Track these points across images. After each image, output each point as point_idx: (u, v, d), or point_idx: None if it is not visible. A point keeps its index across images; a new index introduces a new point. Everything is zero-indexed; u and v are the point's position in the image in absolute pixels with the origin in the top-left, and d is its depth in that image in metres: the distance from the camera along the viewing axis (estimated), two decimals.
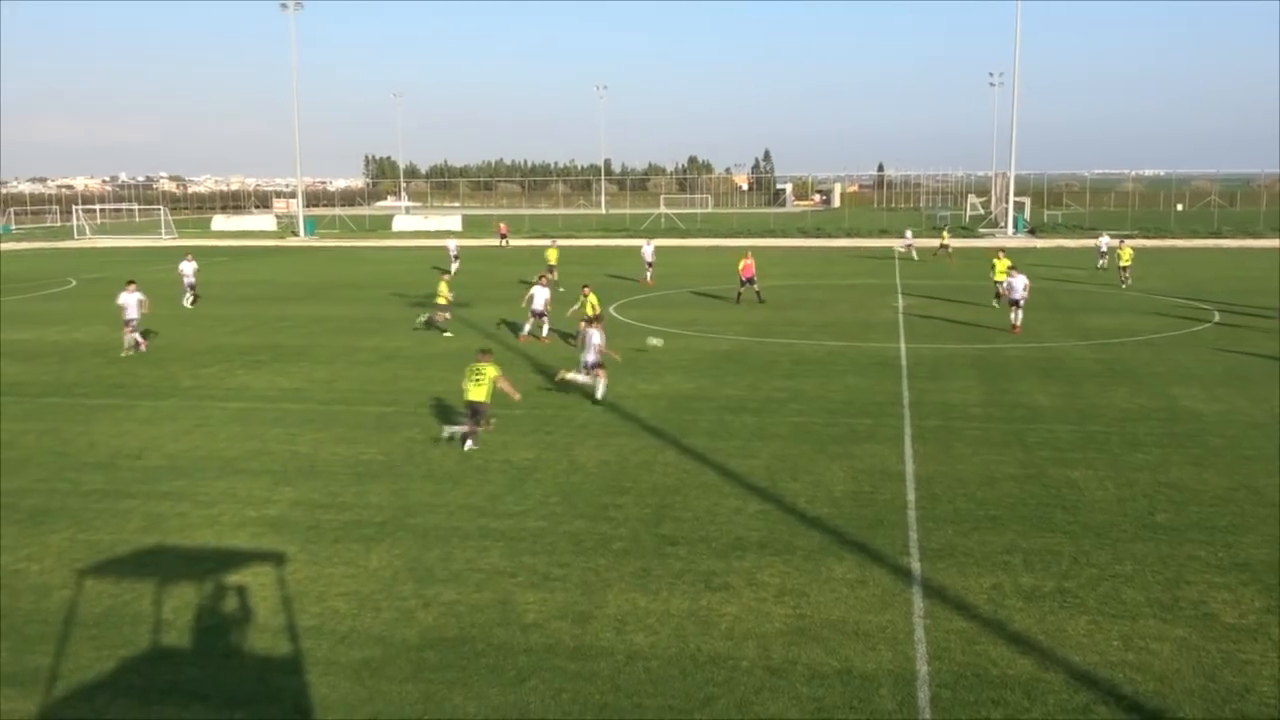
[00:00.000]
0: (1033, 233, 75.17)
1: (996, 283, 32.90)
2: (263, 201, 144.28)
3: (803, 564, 11.67)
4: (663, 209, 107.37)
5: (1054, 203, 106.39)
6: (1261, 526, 12.71)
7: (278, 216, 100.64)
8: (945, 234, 58.59)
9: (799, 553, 12.01)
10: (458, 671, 9.23)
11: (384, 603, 10.76)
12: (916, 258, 53.44)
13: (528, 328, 28.14)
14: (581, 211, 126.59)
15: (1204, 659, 9.24)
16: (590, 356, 19.94)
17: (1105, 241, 48.31)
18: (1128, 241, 44.17)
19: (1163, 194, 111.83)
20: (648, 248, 43.78)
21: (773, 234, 77.80)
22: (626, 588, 11.09)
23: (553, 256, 42.96)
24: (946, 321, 31.04)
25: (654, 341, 24.67)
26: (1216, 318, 31.49)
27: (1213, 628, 9.87)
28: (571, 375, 20.43)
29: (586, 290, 26.39)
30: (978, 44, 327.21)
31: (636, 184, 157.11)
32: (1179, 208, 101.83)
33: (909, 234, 58.01)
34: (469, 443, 16.39)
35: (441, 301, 29.46)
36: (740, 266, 35.41)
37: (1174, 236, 70.07)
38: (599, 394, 19.77)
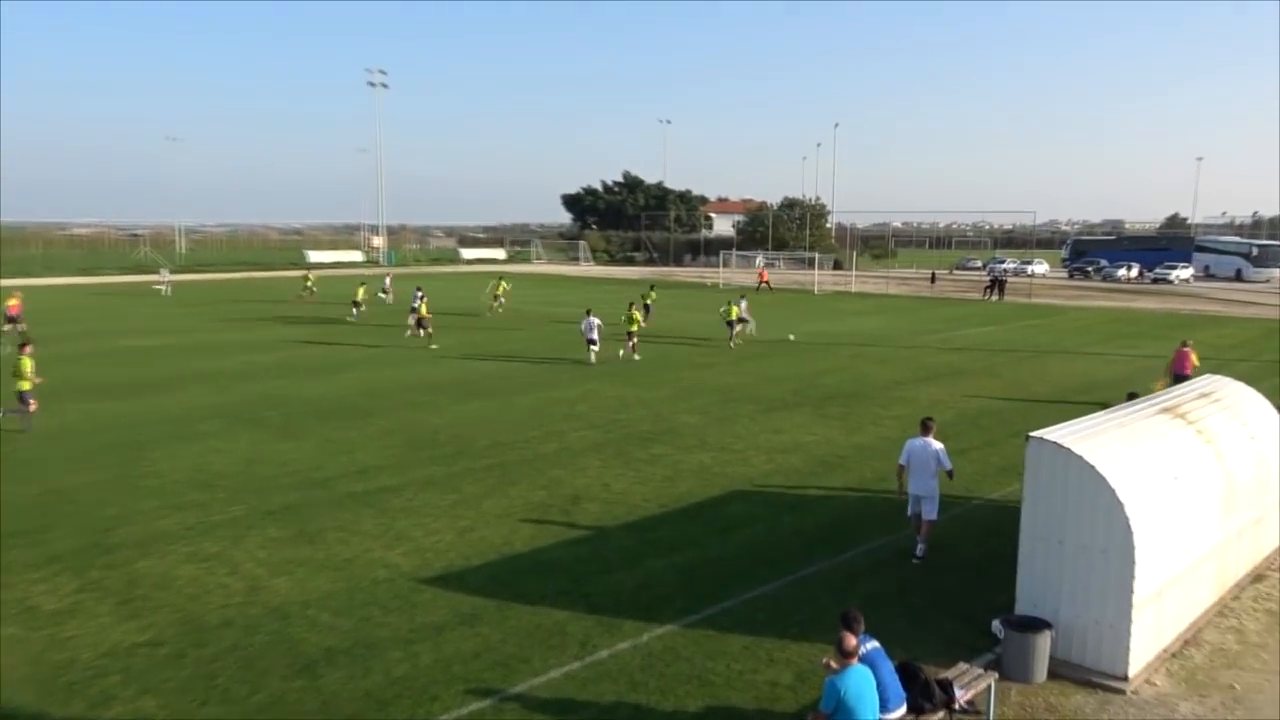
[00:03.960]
0: None
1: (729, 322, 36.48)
2: None
3: None
4: None
5: None
6: (68, 522, 14.63)
7: None
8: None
9: None
10: None
11: None
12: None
13: None
14: None
15: (31, 647, 10.50)
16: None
17: None
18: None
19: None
20: None
21: None
22: None
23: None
24: None
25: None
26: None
27: (36, 618, 11.24)
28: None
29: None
30: None
31: None
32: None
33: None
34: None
35: None
36: (8, 305, 37.77)
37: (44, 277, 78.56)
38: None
